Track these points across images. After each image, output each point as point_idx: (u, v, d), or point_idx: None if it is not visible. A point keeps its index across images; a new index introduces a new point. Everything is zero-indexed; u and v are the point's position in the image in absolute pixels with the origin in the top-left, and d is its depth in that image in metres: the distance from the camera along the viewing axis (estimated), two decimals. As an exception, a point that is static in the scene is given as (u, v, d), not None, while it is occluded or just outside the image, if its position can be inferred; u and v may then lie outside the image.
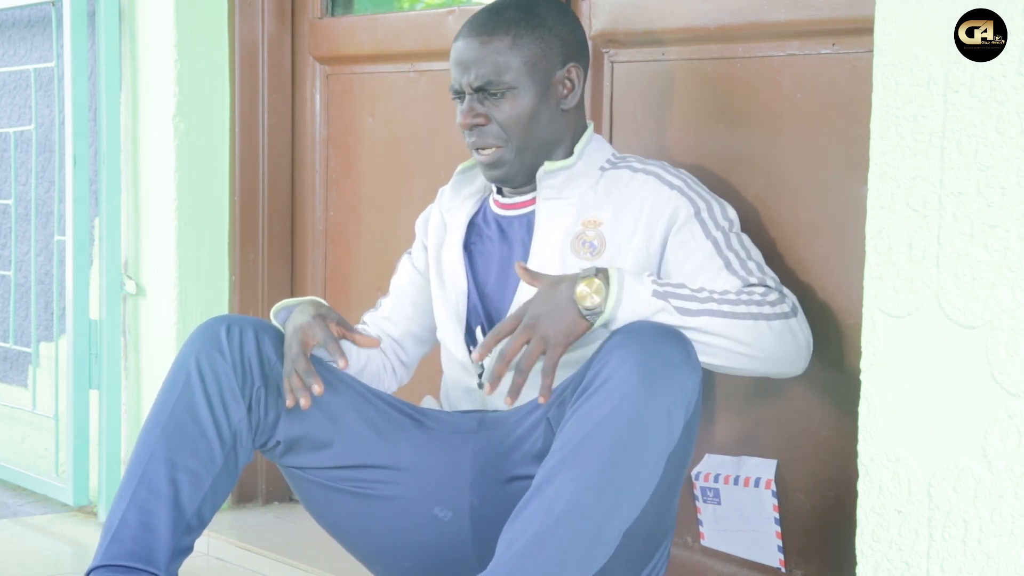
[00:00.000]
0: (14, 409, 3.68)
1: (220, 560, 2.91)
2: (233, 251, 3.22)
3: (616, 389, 1.88)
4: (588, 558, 1.87)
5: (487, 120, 2.20)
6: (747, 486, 2.31)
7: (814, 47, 2.24)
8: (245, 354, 2.15)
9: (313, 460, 2.18)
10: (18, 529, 3.16)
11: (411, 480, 2.17)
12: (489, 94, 2.19)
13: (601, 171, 2.24)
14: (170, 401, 2.15)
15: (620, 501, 1.89)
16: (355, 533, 2.23)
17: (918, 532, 1.71)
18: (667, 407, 1.89)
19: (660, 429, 1.89)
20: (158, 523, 2.11)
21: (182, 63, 3.15)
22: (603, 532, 1.88)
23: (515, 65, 2.19)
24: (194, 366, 2.14)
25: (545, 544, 1.85)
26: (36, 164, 3.57)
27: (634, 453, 1.88)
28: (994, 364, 1.63)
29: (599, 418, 1.88)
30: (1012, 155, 1.61)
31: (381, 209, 3.07)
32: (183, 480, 2.12)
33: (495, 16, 2.21)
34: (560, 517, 1.85)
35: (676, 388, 1.90)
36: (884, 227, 1.74)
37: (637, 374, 1.88)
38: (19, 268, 3.67)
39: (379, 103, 3.06)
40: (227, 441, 2.15)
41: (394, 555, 2.21)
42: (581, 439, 1.88)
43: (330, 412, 2.18)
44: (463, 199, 2.36)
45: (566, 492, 1.86)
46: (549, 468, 1.89)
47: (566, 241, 2.19)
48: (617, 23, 2.52)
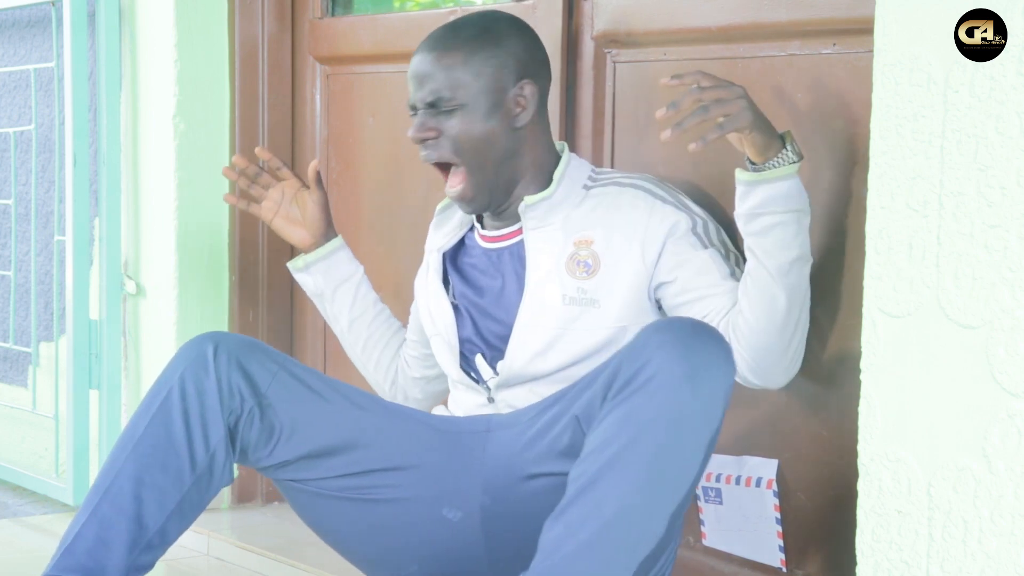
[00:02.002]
0: (14, 409, 3.68)
1: (220, 560, 2.92)
2: (233, 251, 3.22)
3: (660, 389, 1.86)
4: (633, 557, 1.88)
5: (437, 134, 2.23)
6: (748, 486, 2.31)
7: (815, 47, 2.24)
8: (231, 375, 2.12)
9: (318, 472, 2.16)
10: (18, 529, 3.16)
11: (419, 481, 2.16)
12: (440, 110, 2.22)
13: (585, 189, 2.25)
14: (146, 417, 2.12)
15: (666, 501, 1.89)
16: (357, 539, 2.21)
17: (918, 532, 1.71)
18: (710, 408, 1.89)
19: (701, 430, 1.89)
20: (115, 538, 2.08)
21: (182, 63, 3.15)
22: (648, 533, 1.88)
23: (467, 81, 2.21)
24: (177, 383, 2.11)
25: (595, 546, 1.84)
26: (36, 164, 3.57)
27: (677, 455, 1.87)
28: (994, 364, 1.63)
29: (645, 419, 1.86)
30: (1012, 155, 1.61)
31: (381, 209, 3.06)
32: (148, 497, 2.09)
33: (451, 32, 2.24)
34: (610, 521, 1.85)
35: (719, 386, 1.89)
36: (884, 227, 1.74)
37: (681, 374, 1.86)
38: (19, 268, 3.67)
39: (379, 103, 3.06)
40: (200, 461, 2.11)
41: (398, 559, 2.20)
42: (627, 440, 1.86)
43: (332, 422, 2.16)
44: (443, 235, 2.39)
45: (615, 495, 1.85)
46: (594, 469, 1.87)
47: (560, 263, 2.20)
48: (619, 23, 2.52)
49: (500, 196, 2.25)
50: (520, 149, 2.25)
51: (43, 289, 3.58)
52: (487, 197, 2.25)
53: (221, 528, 3.00)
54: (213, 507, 3.15)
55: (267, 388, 2.14)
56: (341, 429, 2.16)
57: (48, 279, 3.56)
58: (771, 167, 2.05)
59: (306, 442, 2.15)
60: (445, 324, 2.31)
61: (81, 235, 3.27)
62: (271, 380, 2.14)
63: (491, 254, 2.30)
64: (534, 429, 2.09)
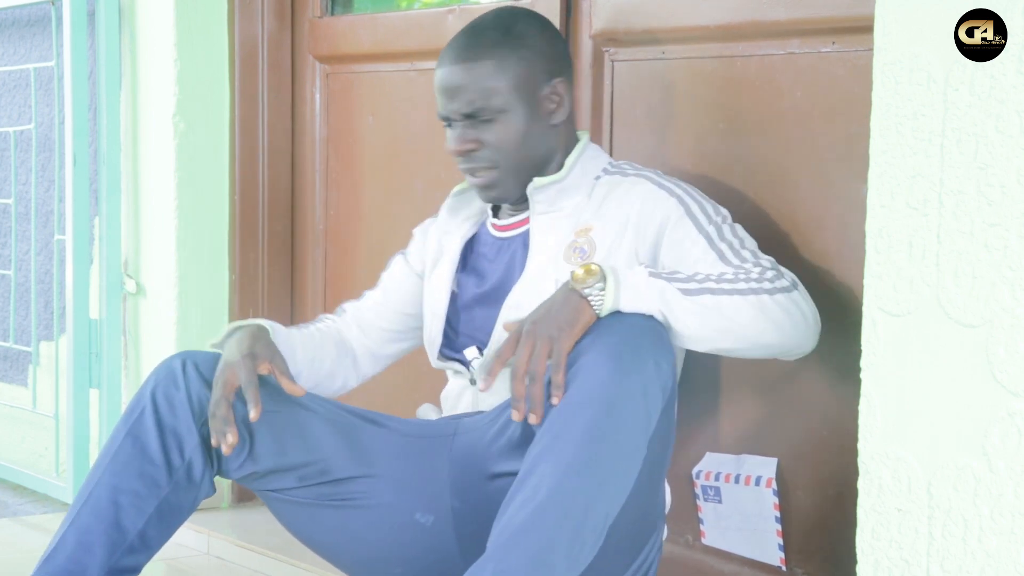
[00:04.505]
0: (14, 408, 3.68)
1: (220, 559, 2.92)
2: (233, 250, 3.22)
3: (588, 376, 1.88)
4: (576, 543, 1.86)
5: (479, 145, 2.20)
6: (748, 484, 2.32)
7: (814, 45, 2.24)
8: (198, 388, 2.15)
9: (291, 481, 2.18)
10: (18, 528, 3.16)
11: (389, 487, 2.17)
12: (479, 120, 2.19)
13: (595, 180, 2.24)
14: (122, 432, 2.16)
15: (603, 484, 1.88)
16: (341, 547, 2.23)
17: (918, 530, 1.71)
18: (641, 387, 1.89)
19: (636, 410, 1.89)
20: (96, 543, 2.12)
21: (182, 62, 3.15)
22: (589, 516, 1.87)
23: (502, 88, 2.18)
24: (149, 399, 2.16)
25: (530, 531, 1.84)
26: (36, 163, 3.57)
27: (611, 434, 1.87)
28: (994, 363, 1.63)
29: (574, 405, 1.88)
30: (1012, 154, 1.61)
31: (381, 208, 3.07)
32: (125, 502, 2.13)
33: (475, 40, 2.21)
34: (543, 503, 1.85)
35: (649, 369, 1.90)
36: (884, 226, 1.74)
37: (606, 357, 1.88)
38: (19, 267, 3.67)
39: (379, 102, 3.06)
40: (177, 468, 2.15)
41: (382, 565, 2.21)
42: (559, 427, 1.88)
43: (302, 431, 2.18)
44: (459, 222, 2.37)
45: (548, 479, 1.86)
46: (531, 459, 1.90)
47: (559, 251, 2.20)
48: (617, 22, 2.52)
49: (523, 189, 2.25)
50: (555, 144, 2.25)
51: (43, 288, 3.58)
52: (512, 190, 2.24)
53: (221, 527, 3.00)
54: (213, 507, 3.15)
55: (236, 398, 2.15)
56: (309, 439, 2.18)
57: (48, 278, 3.57)
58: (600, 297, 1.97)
59: (275, 452, 2.17)
60: (435, 315, 2.30)
61: (81, 234, 3.27)
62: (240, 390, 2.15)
63: (501, 243, 2.29)
64: (493, 429, 2.10)
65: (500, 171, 2.21)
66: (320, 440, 2.18)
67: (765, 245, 2.24)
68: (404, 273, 2.43)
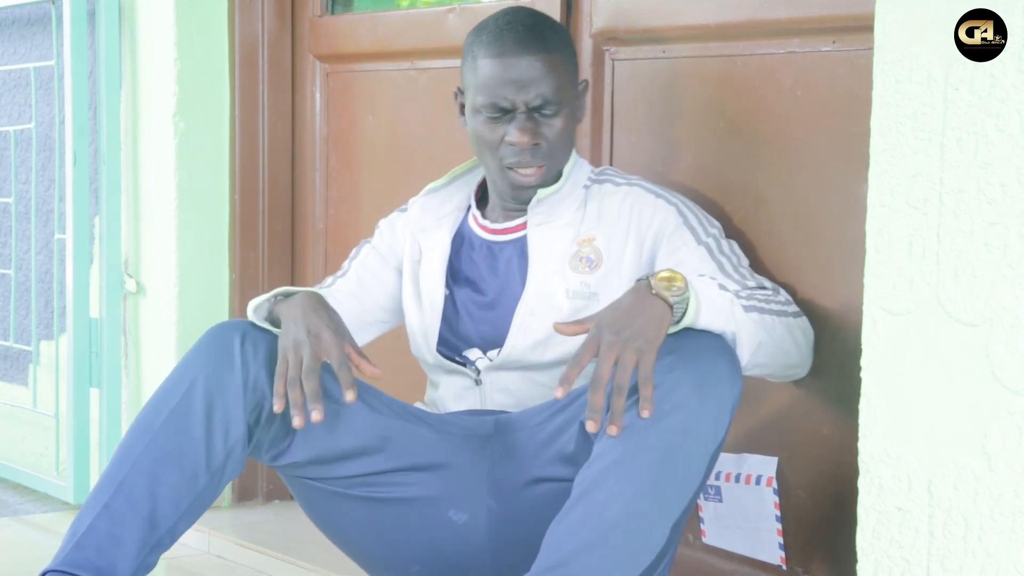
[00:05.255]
0: (15, 407, 3.68)
1: (220, 558, 2.92)
2: (233, 249, 3.22)
3: (667, 396, 1.86)
4: (635, 563, 1.87)
5: (541, 138, 2.19)
6: (748, 483, 2.32)
7: (814, 45, 2.24)
8: (256, 370, 2.05)
9: (328, 471, 2.14)
10: (19, 527, 3.16)
11: (428, 482, 2.15)
12: (543, 113, 2.18)
13: (584, 188, 2.26)
14: (165, 410, 2.05)
15: (668, 507, 1.88)
16: (361, 537, 2.20)
17: (918, 529, 1.71)
18: (716, 412, 1.88)
19: (708, 435, 1.89)
20: (128, 537, 2.02)
21: (182, 61, 3.15)
22: (650, 539, 1.87)
23: (565, 83, 2.19)
24: (201, 377, 2.05)
25: (596, 547, 1.84)
26: (36, 162, 3.57)
27: (683, 460, 1.87)
28: (994, 362, 1.63)
29: (650, 423, 1.85)
30: (1012, 152, 1.61)
31: (381, 207, 3.05)
32: (163, 496, 2.04)
33: (537, 33, 2.18)
34: (614, 522, 1.84)
35: (725, 396, 1.89)
36: (884, 225, 1.74)
37: (690, 381, 1.86)
38: (19, 266, 3.67)
39: (379, 101, 3.06)
40: (217, 459, 2.06)
41: (401, 559, 2.19)
42: (632, 446, 1.85)
43: (345, 424, 2.12)
44: (437, 219, 2.35)
45: (619, 498, 1.84)
46: (597, 471, 1.87)
47: (563, 261, 2.20)
48: (618, 21, 2.52)
49: None
50: None
51: (43, 287, 3.58)
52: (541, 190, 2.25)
53: (222, 526, 3.00)
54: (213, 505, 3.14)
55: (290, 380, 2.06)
56: (354, 432, 2.13)
57: (48, 277, 3.57)
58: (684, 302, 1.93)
59: (320, 443, 2.12)
60: (434, 311, 2.29)
61: (81, 233, 3.27)
62: None
63: (493, 247, 2.29)
64: (543, 434, 2.08)
65: (546, 168, 2.22)
66: (362, 432, 2.13)
67: (765, 245, 2.25)
68: (378, 265, 2.41)
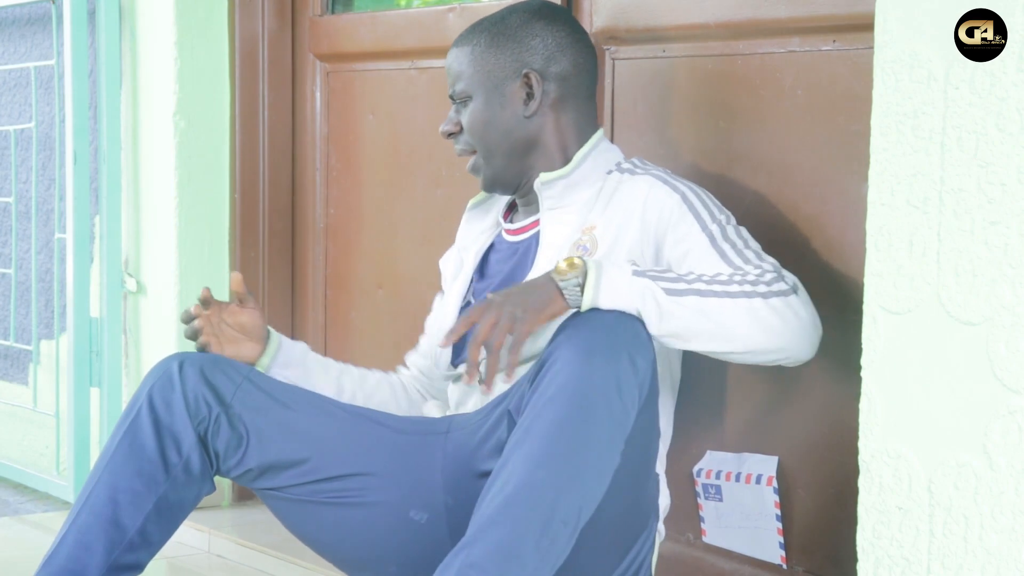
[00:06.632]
0: (15, 407, 3.68)
1: (220, 557, 2.92)
2: (233, 249, 3.22)
3: (560, 370, 1.90)
4: (546, 536, 1.87)
5: (458, 128, 2.28)
6: (749, 483, 2.32)
7: (815, 43, 2.24)
8: (197, 386, 2.16)
9: (287, 479, 2.18)
10: (19, 527, 3.16)
11: (385, 485, 2.17)
12: (464, 103, 2.26)
13: (606, 175, 2.24)
14: (119, 433, 2.18)
15: (573, 478, 1.88)
16: (337, 545, 2.23)
17: (919, 528, 1.71)
18: (615, 383, 1.90)
19: (610, 405, 1.90)
20: (93, 540, 2.13)
21: (182, 61, 3.15)
22: (559, 509, 1.87)
23: (467, 74, 2.25)
24: (146, 399, 2.17)
25: (499, 523, 1.86)
26: (36, 162, 3.57)
27: (582, 429, 1.88)
28: (994, 361, 1.63)
29: (545, 398, 1.89)
30: (1012, 151, 1.61)
31: (381, 206, 3.07)
32: (123, 500, 2.14)
33: (472, 27, 2.28)
34: (512, 495, 1.86)
35: (624, 365, 1.90)
36: (884, 224, 1.74)
37: (579, 352, 1.90)
38: (20, 266, 3.67)
39: (379, 101, 3.06)
40: (174, 465, 2.16)
41: (377, 562, 2.21)
42: (530, 421, 1.90)
43: (297, 429, 2.18)
44: (476, 235, 2.39)
45: (517, 472, 1.87)
46: (505, 453, 1.92)
47: (567, 246, 2.20)
48: (618, 20, 2.52)
49: (514, 180, 2.27)
50: (538, 137, 2.25)
51: (44, 287, 3.58)
52: (497, 177, 2.27)
53: (222, 525, 3.00)
54: (214, 505, 3.15)
55: (232, 397, 2.17)
56: (306, 436, 2.18)
57: (49, 277, 3.57)
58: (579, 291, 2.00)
59: (273, 449, 2.17)
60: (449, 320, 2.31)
61: (82, 233, 3.27)
62: (235, 390, 2.17)
63: (515, 247, 2.30)
64: (484, 428, 2.11)
65: (479, 156, 2.27)
66: (313, 437, 2.18)
67: (765, 243, 2.24)
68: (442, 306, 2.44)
